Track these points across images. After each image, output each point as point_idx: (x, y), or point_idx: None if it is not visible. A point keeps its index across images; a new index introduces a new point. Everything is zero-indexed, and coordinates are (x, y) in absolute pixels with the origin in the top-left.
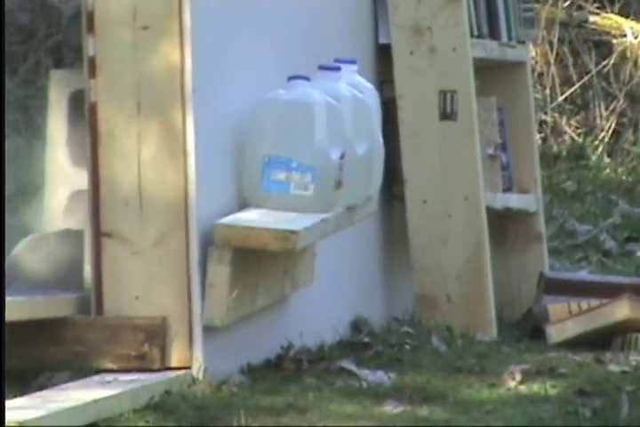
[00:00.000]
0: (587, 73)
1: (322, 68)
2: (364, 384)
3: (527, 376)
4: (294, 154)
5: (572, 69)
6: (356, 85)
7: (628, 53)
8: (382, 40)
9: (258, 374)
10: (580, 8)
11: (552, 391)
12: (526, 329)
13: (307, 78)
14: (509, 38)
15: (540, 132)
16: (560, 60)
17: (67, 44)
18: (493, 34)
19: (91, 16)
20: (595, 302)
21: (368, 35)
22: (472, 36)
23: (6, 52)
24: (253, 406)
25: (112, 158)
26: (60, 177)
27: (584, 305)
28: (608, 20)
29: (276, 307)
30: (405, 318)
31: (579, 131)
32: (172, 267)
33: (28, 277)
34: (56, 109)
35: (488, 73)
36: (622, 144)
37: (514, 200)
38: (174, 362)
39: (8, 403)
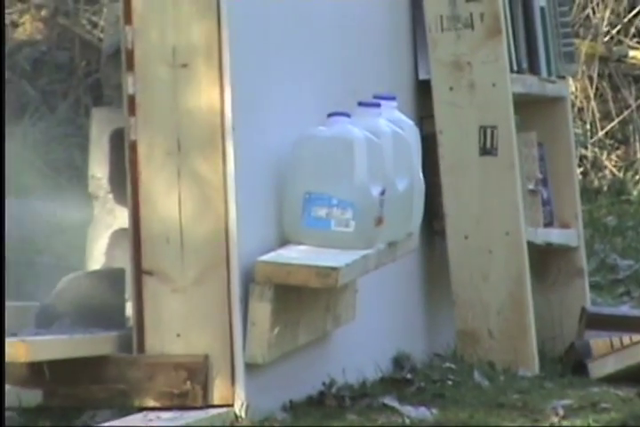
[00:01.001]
0: (626, 108)
1: (361, 104)
2: (407, 421)
3: (570, 412)
4: (335, 190)
5: (611, 104)
6: (395, 121)
7: None
8: (422, 76)
9: (300, 412)
10: (619, 42)
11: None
12: (568, 364)
13: (347, 115)
14: (549, 73)
15: (580, 167)
16: (600, 95)
17: (106, 82)
18: (533, 69)
19: (130, 54)
20: (636, 337)
21: (408, 70)
22: (512, 71)
23: (46, 90)
24: None
25: (152, 196)
26: (102, 215)
27: (626, 340)
28: None
29: (318, 344)
30: (447, 354)
31: (619, 166)
32: (213, 304)
33: (69, 315)
34: (97, 147)
35: (528, 108)
36: None
37: (555, 235)
38: (216, 400)
39: None
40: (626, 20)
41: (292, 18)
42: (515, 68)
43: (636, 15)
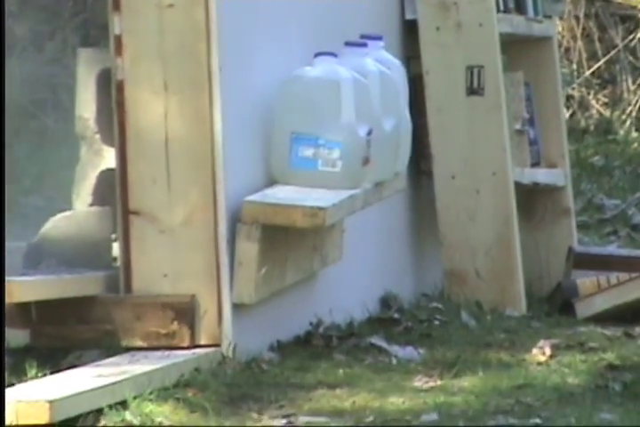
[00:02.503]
0: (613, 47)
1: (348, 44)
2: (394, 360)
3: (557, 351)
4: (322, 130)
5: (598, 44)
6: (382, 61)
7: None
8: (409, 16)
9: (287, 351)
10: None
11: (582, 366)
12: (555, 304)
13: (334, 55)
14: (536, 13)
15: (567, 107)
16: (586, 35)
17: (93, 22)
18: (520, 9)
19: None
20: (624, 277)
21: (394, 11)
22: (498, 11)
23: (32, 30)
24: (283, 382)
25: (139, 137)
26: (89, 156)
27: (613, 279)
28: None
29: (305, 284)
30: (434, 294)
31: (606, 105)
32: (201, 244)
33: (56, 256)
34: (84, 88)
35: (515, 48)
36: None
37: (542, 175)
38: (203, 340)
39: (39, 382)
40: None
41: None
42: (501, 7)
43: None
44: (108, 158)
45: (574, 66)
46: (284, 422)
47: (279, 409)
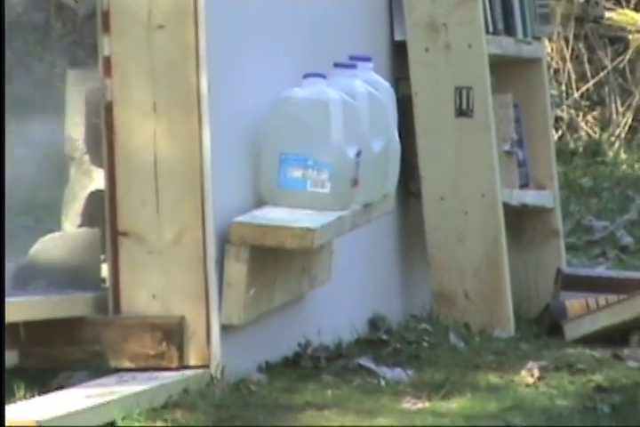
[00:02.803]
0: (602, 69)
1: (337, 65)
2: (383, 382)
3: (545, 373)
4: (310, 151)
5: (587, 65)
6: (371, 83)
7: None
8: (398, 37)
9: (276, 372)
10: (595, 4)
11: (570, 388)
12: (544, 326)
13: (322, 76)
14: (525, 35)
15: (556, 129)
16: (576, 57)
17: (82, 43)
18: (509, 30)
19: (106, 15)
20: (612, 298)
21: (383, 32)
22: (487, 32)
23: (22, 51)
24: (272, 404)
25: (128, 158)
26: (78, 176)
27: (601, 301)
28: (624, 15)
29: (294, 305)
30: (423, 315)
31: (595, 127)
32: (189, 265)
33: (45, 276)
34: (73, 109)
35: (504, 69)
36: (639, 140)
37: (531, 196)
38: (192, 361)
39: (27, 403)
40: None
41: None
42: (490, 29)
43: None
44: (97, 179)
45: (563, 87)
46: None
47: None
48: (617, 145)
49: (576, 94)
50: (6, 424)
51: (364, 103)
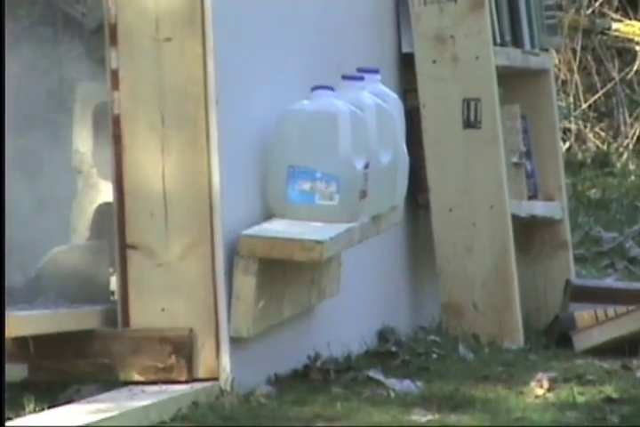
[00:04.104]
0: (610, 80)
1: (345, 77)
2: (392, 394)
3: (555, 384)
4: (319, 164)
5: (595, 77)
6: (379, 95)
7: None
8: (405, 49)
9: (285, 385)
10: (602, 15)
11: (580, 399)
12: (553, 337)
13: (330, 88)
14: (532, 46)
15: (564, 140)
16: (583, 68)
17: (90, 56)
18: (516, 42)
19: (113, 28)
20: (621, 309)
21: (391, 44)
22: (495, 44)
23: (29, 65)
24: (281, 416)
25: (136, 170)
26: (86, 189)
27: (610, 312)
28: (631, 27)
29: (303, 317)
30: (432, 327)
31: (603, 138)
32: (198, 278)
33: (53, 290)
34: (80, 122)
35: (511, 81)
36: None
37: (539, 208)
38: (201, 373)
39: (36, 416)
40: None
41: None
42: (498, 40)
43: None
44: (105, 192)
45: (571, 99)
46: None
47: None
48: (625, 156)
49: (584, 106)
50: None
51: (372, 115)
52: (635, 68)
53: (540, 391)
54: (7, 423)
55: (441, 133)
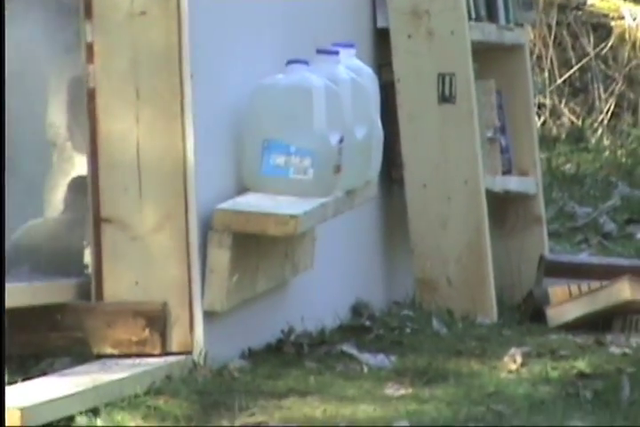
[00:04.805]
0: (585, 55)
1: (320, 51)
2: (365, 368)
3: (528, 359)
4: (293, 138)
5: (570, 52)
6: (354, 69)
7: (627, 36)
8: (380, 24)
9: (259, 359)
10: None
11: (553, 374)
12: (527, 312)
13: (305, 62)
14: (507, 21)
15: (538, 115)
16: (558, 43)
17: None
18: (491, 17)
19: (88, 2)
20: (595, 285)
21: (366, 19)
22: (470, 19)
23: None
24: (254, 390)
25: (110, 144)
26: (61, 163)
27: (584, 287)
28: (606, 2)
29: (277, 291)
30: (406, 302)
31: (578, 113)
32: (172, 252)
33: (27, 263)
34: (55, 95)
35: (486, 56)
36: (621, 126)
37: (513, 183)
38: (175, 347)
39: (9, 389)
40: None
41: None
42: (473, 15)
43: None
44: (79, 166)
45: (546, 74)
46: None
47: (250, 417)
48: (600, 131)
49: (559, 81)
50: None
51: (347, 90)
52: (609, 43)
53: (513, 366)
54: None
55: (415, 108)
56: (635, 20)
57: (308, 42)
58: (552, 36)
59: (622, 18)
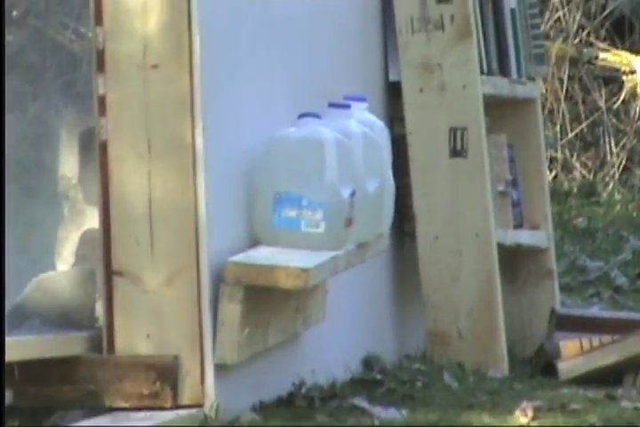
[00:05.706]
0: (597, 110)
1: (332, 105)
2: (377, 421)
3: (539, 413)
4: (305, 191)
5: (582, 106)
6: (366, 123)
7: (638, 90)
8: (392, 77)
9: (270, 412)
10: (590, 45)
11: None
12: (538, 365)
13: (317, 116)
14: (519, 75)
15: (550, 169)
16: (570, 97)
17: (77, 83)
18: (503, 71)
19: (101, 55)
20: (606, 339)
21: (378, 72)
22: (482, 72)
23: (16, 91)
24: None
25: (122, 197)
26: (72, 215)
27: (595, 342)
28: (618, 56)
29: (288, 344)
30: (417, 355)
31: (589, 167)
32: (183, 305)
33: (39, 316)
34: (67, 147)
35: (498, 110)
36: (633, 180)
37: (525, 237)
38: (186, 400)
39: None
40: (596, 21)
41: (263, 19)
42: (485, 69)
43: (606, 17)
44: (91, 218)
45: (558, 128)
46: None
47: None
48: (611, 186)
49: (570, 135)
50: None
51: (359, 143)
52: (621, 97)
53: (524, 420)
54: None
55: (427, 162)
56: None
57: (321, 95)
58: (564, 90)
59: (634, 72)
